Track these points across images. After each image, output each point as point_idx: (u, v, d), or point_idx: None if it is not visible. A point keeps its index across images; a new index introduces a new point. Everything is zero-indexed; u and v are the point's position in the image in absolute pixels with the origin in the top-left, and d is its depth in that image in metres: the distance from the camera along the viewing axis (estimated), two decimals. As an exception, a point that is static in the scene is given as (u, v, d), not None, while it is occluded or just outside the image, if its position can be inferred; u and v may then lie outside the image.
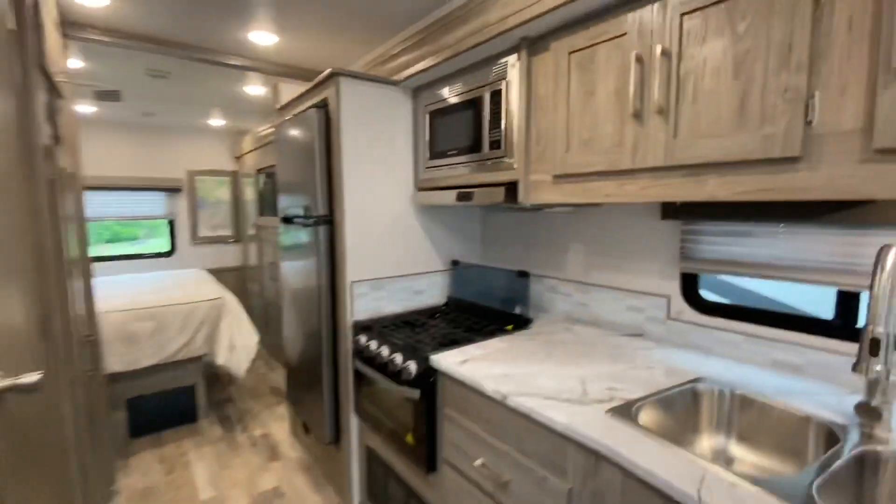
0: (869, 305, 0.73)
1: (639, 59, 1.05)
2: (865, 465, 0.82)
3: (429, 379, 1.35)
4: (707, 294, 1.43)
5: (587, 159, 1.18)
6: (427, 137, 1.77)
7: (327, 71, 1.69)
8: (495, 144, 1.46)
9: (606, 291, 1.62)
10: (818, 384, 1.10)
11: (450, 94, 1.64)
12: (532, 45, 1.34)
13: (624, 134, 1.09)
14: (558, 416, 0.95)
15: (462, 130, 1.59)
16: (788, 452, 0.96)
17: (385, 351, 1.49)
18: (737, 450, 1.05)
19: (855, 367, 0.73)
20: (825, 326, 1.17)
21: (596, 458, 0.89)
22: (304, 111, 1.86)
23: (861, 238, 1.06)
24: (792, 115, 0.82)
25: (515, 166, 1.39)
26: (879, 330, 0.72)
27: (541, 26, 1.26)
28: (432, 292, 2.01)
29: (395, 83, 1.79)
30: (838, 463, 0.76)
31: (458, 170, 1.63)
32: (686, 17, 0.96)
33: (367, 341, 1.61)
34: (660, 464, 0.78)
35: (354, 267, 1.76)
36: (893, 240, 1.01)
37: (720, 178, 0.94)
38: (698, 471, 0.75)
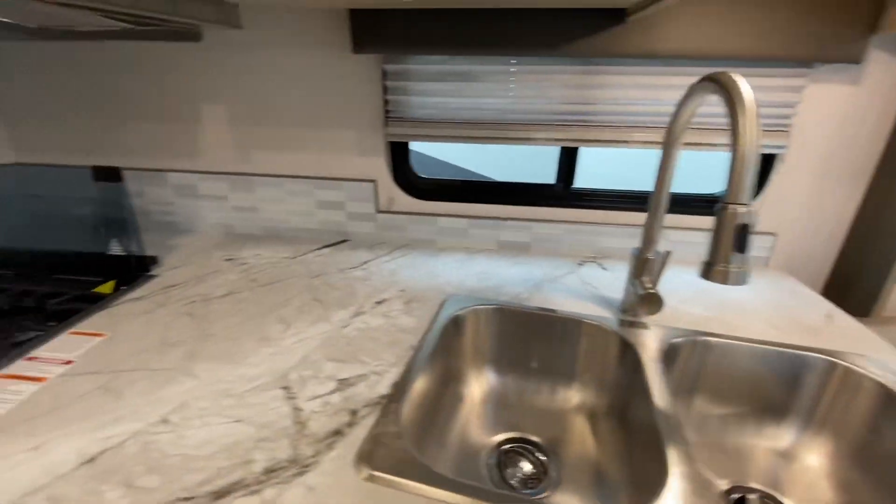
0: (734, 167, 0.44)
1: None
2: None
3: None
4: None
5: None
6: None
7: None
8: None
9: (282, 183, 1.01)
10: (547, 262, 0.94)
11: None
12: None
13: None
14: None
15: None
16: (603, 378, 0.74)
17: None
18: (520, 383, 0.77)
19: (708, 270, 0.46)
20: (549, 194, 1.00)
21: None
22: None
23: (601, 77, 0.83)
24: None
25: None
26: (748, 213, 0.45)
27: None
28: None
29: None
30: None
31: None
32: None
33: None
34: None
35: None
36: (671, 77, 0.80)
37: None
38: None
